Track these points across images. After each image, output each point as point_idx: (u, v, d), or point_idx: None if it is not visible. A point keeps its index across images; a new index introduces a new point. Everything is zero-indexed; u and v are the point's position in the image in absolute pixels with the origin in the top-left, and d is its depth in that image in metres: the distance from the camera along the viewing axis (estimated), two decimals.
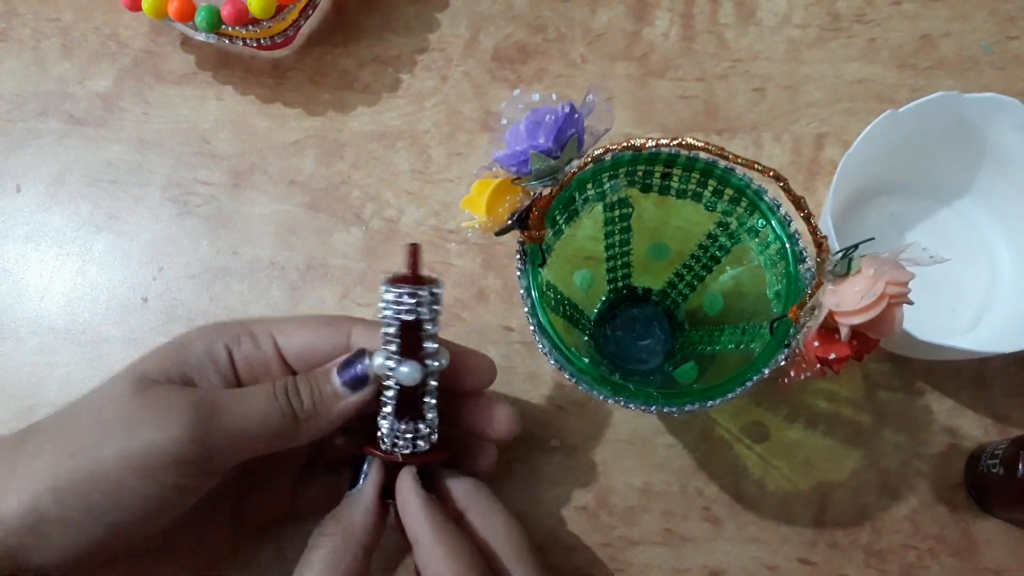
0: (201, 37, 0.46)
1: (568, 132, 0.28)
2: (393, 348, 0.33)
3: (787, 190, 0.28)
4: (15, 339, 0.46)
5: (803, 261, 0.32)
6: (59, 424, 0.32)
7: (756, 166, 0.27)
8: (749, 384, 0.31)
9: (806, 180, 0.46)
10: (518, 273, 0.33)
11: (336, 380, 0.34)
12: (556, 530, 0.41)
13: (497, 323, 0.44)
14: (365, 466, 0.35)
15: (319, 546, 0.33)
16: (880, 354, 0.43)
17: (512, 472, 0.42)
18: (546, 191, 0.31)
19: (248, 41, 0.46)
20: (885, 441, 0.42)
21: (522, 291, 0.33)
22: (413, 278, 0.33)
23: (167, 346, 0.34)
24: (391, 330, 0.33)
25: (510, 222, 0.32)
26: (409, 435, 0.35)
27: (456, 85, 0.48)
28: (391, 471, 0.35)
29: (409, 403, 0.34)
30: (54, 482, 0.30)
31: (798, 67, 0.48)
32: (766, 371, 0.31)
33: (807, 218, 0.28)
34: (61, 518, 0.30)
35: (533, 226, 0.32)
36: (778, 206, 0.33)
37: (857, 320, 0.28)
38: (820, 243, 0.28)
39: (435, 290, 0.34)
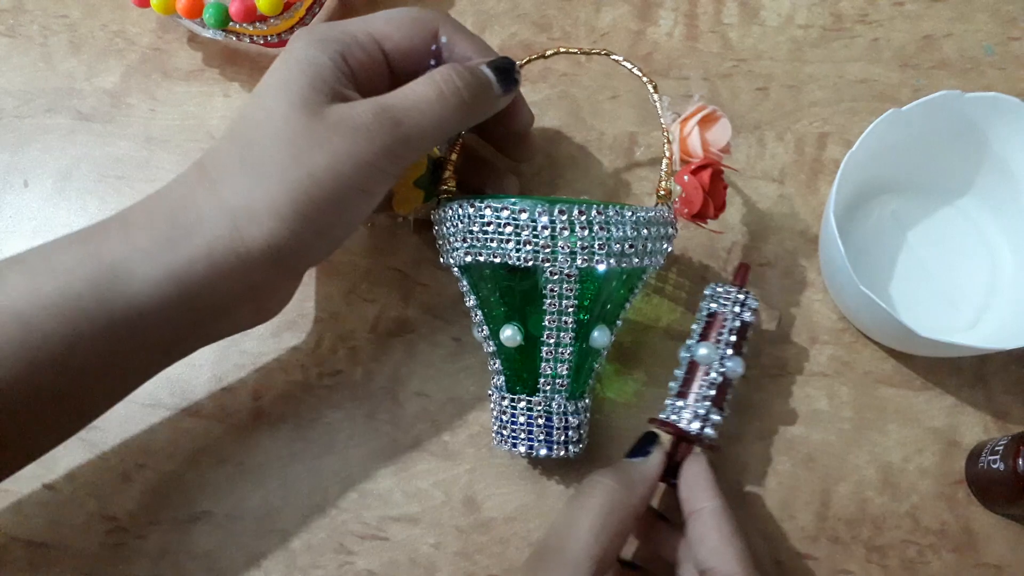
0: (208, 34, 0.46)
1: None
2: (730, 343, 0.39)
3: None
4: None
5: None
6: (246, 157, 0.33)
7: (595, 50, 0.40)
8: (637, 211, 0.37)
9: (808, 179, 0.46)
10: (432, 215, 0.39)
11: (489, 73, 0.37)
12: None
13: None
14: (650, 447, 0.38)
15: (598, 493, 0.35)
16: (882, 351, 0.43)
17: (518, 464, 0.42)
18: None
19: (255, 38, 0.47)
20: (886, 437, 0.42)
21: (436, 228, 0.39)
22: (743, 287, 0.40)
23: (297, 66, 0.34)
24: (729, 327, 0.39)
25: (437, 175, 0.40)
26: (718, 424, 0.38)
27: None
28: (675, 452, 0.39)
29: (724, 393, 0.39)
30: (281, 211, 0.32)
31: (801, 67, 0.48)
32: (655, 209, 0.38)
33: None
34: (299, 247, 0.34)
35: (451, 172, 0.40)
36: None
37: (688, 128, 0.39)
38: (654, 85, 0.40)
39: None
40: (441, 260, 0.40)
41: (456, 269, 0.39)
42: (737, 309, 0.40)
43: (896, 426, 0.42)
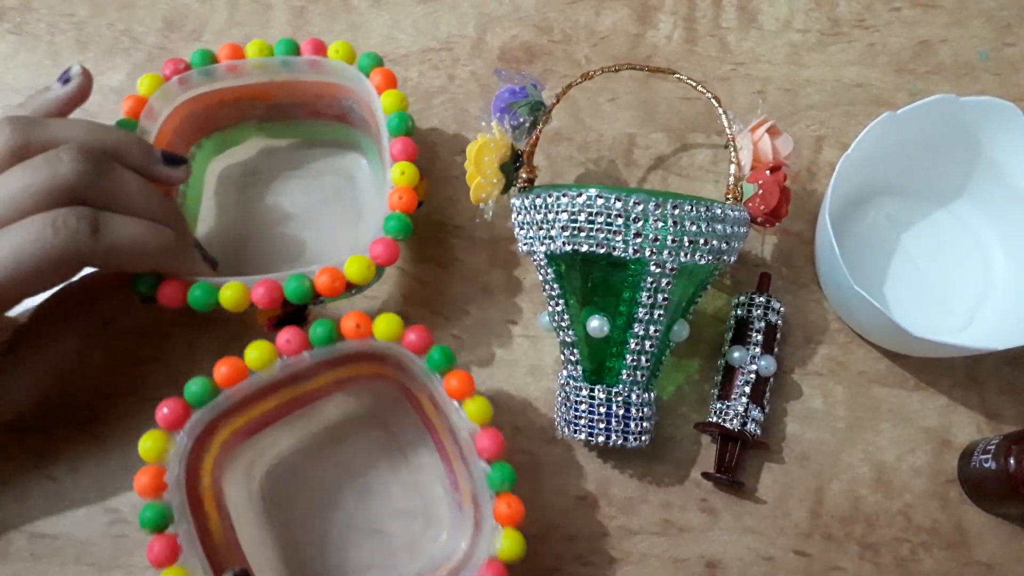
0: None
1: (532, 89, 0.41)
2: (758, 343, 0.42)
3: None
4: None
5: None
6: None
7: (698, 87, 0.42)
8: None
9: (805, 181, 0.47)
10: (513, 202, 0.41)
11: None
12: (556, 519, 0.42)
13: (501, 317, 0.45)
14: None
15: None
16: (876, 351, 0.44)
17: (514, 463, 0.42)
18: (521, 145, 0.41)
19: None
20: (880, 436, 0.43)
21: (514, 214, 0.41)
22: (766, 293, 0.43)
23: None
24: (756, 328, 0.42)
25: (516, 166, 0.41)
26: (758, 420, 0.41)
27: (463, 84, 0.49)
28: (728, 446, 0.41)
29: (761, 390, 0.41)
30: None
31: (798, 71, 0.49)
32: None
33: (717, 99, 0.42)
34: None
35: (527, 163, 0.41)
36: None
37: (758, 135, 0.41)
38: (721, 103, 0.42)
39: None
40: (522, 247, 0.40)
41: (543, 257, 0.39)
42: (761, 312, 0.42)
43: (890, 425, 0.43)
